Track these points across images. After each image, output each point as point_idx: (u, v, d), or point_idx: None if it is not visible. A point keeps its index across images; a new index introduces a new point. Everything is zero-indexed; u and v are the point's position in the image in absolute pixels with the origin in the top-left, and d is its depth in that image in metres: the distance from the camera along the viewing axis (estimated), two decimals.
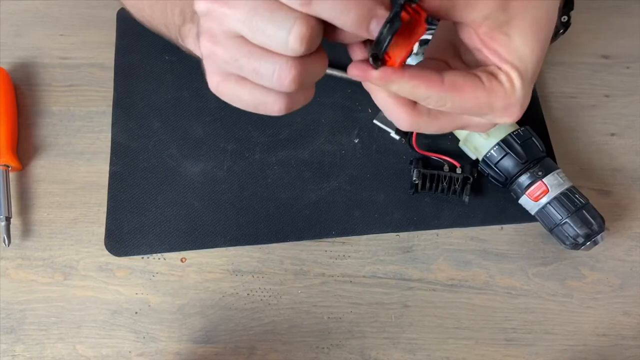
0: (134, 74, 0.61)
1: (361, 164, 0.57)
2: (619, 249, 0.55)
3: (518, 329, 0.51)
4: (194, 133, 0.58)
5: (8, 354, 0.50)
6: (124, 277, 0.53)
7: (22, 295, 0.52)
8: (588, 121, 0.60)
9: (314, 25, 0.28)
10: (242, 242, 0.54)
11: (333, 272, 0.53)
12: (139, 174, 0.56)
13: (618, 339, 0.51)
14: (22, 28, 0.63)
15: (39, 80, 0.61)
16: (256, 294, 0.52)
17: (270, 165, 0.57)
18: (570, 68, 0.63)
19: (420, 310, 0.52)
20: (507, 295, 0.53)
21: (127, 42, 0.62)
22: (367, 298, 0.52)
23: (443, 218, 0.55)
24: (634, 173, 0.58)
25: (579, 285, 0.53)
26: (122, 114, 0.59)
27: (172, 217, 0.54)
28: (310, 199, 0.55)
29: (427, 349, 0.51)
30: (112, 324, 0.51)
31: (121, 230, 0.54)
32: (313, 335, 0.51)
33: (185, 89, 0.60)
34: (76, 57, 0.62)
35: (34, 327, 0.51)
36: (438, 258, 0.54)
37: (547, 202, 0.50)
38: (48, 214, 0.55)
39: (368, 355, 0.50)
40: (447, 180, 0.54)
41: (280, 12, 0.28)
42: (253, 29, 0.28)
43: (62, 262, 0.53)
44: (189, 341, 0.50)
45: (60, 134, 0.58)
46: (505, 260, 0.54)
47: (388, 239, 0.54)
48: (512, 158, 0.51)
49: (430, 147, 0.57)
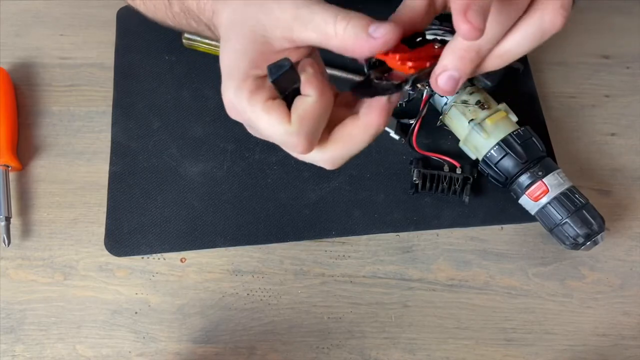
0: (133, 73, 0.61)
1: (361, 164, 0.57)
2: (619, 249, 0.55)
3: (518, 329, 0.51)
4: (194, 133, 0.58)
5: (8, 354, 0.50)
6: (123, 277, 0.53)
7: (22, 295, 0.52)
8: (588, 121, 0.60)
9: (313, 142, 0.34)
10: (242, 242, 0.54)
11: (333, 272, 0.53)
12: (139, 174, 0.56)
13: (618, 339, 0.51)
14: (22, 28, 0.63)
15: (39, 80, 0.61)
16: (256, 294, 0.52)
17: (270, 165, 0.57)
18: (570, 68, 0.63)
19: (420, 310, 0.52)
20: (507, 295, 0.53)
21: (127, 42, 0.62)
22: (367, 298, 0.52)
23: (443, 218, 0.55)
24: (634, 173, 0.58)
25: (579, 285, 0.53)
26: (122, 114, 0.59)
27: (172, 217, 0.54)
28: (310, 199, 0.55)
29: (427, 349, 0.51)
30: (112, 324, 0.51)
31: (121, 230, 0.54)
32: (313, 335, 0.51)
33: (185, 89, 0.60)
34: (76, 57, 0.62)
35: (34, 327, 0.51)
36: (438, 258, 0.54)
37: (547, 202, 0.50)
38: (48, 214, 0.55)
39: (368, 355, 0.50)
40: (447, 180, 0.54)
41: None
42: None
43: (62, 262, 0.53)
44: (189, 341, 0.50)
45: (60, 134, 0.58)
46: (505, 260, 0.54)
47: (388, 239, 0.54)
48: (512, 158, 0.51)
49: (430, 147, 0.57)
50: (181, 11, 0.42)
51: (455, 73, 0.32)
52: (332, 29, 0.32)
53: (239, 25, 0.34)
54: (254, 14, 0.34)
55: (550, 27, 0.32)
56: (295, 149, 0.34)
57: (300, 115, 0.32)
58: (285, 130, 0.33)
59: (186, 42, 0.60)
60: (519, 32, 0.32)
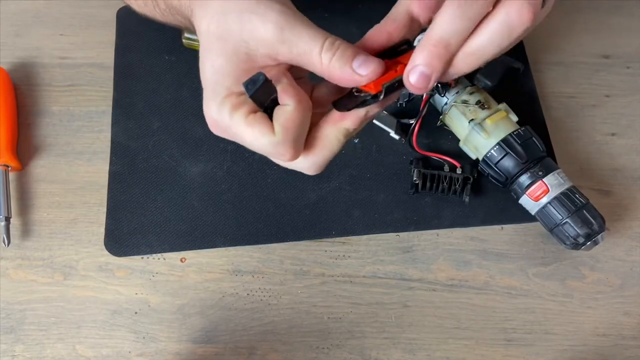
0: (133, 73, 0.61)
1: (361, 164, 0.57)
2: (619, 249, 0.55)
3: (518, 329, 0.51)
4: (193, 133, 0.58)
5: (8, 354, 0.50)
6: (123, 277, 0.53)
7: (22, 295, 0.52)
8: (588, 121, 0.60)
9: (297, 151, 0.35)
10: (242, 242, 0.54)
11: (333, 272, 0.53)
12: (139, 174, 0.56)
13: (618, 339, 0.51)
14: (22, 28, 0.63)
15: (39, 80, 0.61)
16: (256, 294, 0.52)
17: (270, 165, 0.56)
18: (570, 68, 0.63)
19: (420, 310, 0.52)
20: (507, 295, 0.53)
21: (126, 42, 0.62)
22: (367, 298, 0.52)
23: (443, 218, 0.55)
24: (634, 173, 0.58)
25: (579, 285, 0.53)
26: (122, 113, 0.59)
27: (171, 217, 0.54)
28: (310, 199, 0.55)
29: (427, 349, 0.50)
30: (112, 324, 0.51)
31: (121, 230, 0.54)
32: (313, 335, 0.51)
33: (185, 89, 0.60)
34: (76, 57, 0.62)
35: (34, 327, 0.51)
36: (438, 258, 0.54)
37: (548, 202, 0.50)
38: (48, 214, 0.55)
39: (368, 355, 0.50)
40: (448, 180, 0.54)
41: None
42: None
43: (62, 262, 0.53)
44: (189, 341, 0.50)
45: (60, 133, 0.58)
46: (505, 260, 0.54)
47: (388, 239, 0.54)
48: (512, 158, 0.51)
49: (430, 147, 0.57)
50: (167, 8, 0.43)
51: (425, 69, 0.32)
52: (318, 59, 0.33)
53: (221, 41, 0.34)
54: (236, 32, 0.34)
55: (517, 22, 0.31)
56: (282, 158, 0.35)
57: (282, 125, 0.33)
58: (269, 141, 0.33)
59: (186, 41, 0.60)
60: (486, 28, 0.32)
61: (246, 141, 0.34)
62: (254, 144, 0.34)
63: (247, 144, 0.35)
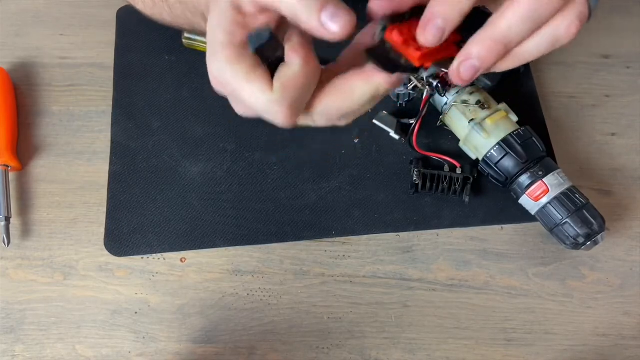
0: (133, 73, 0.61)
1: (361, 164, 0.57)
2: (620, 249, 0.55)
3: (518, 329, 0.51)
4: (193, 133, 0.58)
5: (8, 354, 0.50)
6: (123, 277, 0.53)
7: (22, 295, 0.52)
8: (588, 121, 0.60)
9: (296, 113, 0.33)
10: (242, 242, 0.54)
11: (333, 272, 0.53)
12: (139, 174, 0.56)
13: (618, 339, 0.51)
14: (22, 28, 0.63)
15: (39, 80, 0.61)
16: (256, 294, 0.52)
17: (270, 165, 0.57)
18: (570, 68, 0.63)
19: (420, 310, 0.52)
20: (507, 295, 0.53)
21: (126, 42, 0.62)
22: (367, 298, 0.52)
23: (443, 218, 0.55)
24: (634, 173, 0.58)
25: (579, 285, 0.53)
26: (121, 113, 0.59)
27: (171, 217, 0.54)
28: (310, 199, 0.55)
29: (427, 349, 0.50)
30: (112, 324, 0.51)
31: (121, 230, 0.54)
32: (313, 335, 0.51)
33: (185, 89, 0.60)
34: (76, 57, 0.62)
35: (34, 327, 0.51)
36: (438, 258, 0.54)
37: (548, 202, 0.50)
38: (48, 214, 0.55)
39: (368, 355, 0.50)
40: (448, 180, 0.54)
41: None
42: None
43: (62, 262, 0.53)
44: (189, 341, 0.50)
45: (60, 133, 0.58)
46: (505, 260, 0.54)
47: (388, 239, 0.54)
48: (512, 158, 0.51)
49: (430, 147, 0.57)
50: (177, 1, 0.42)
51: (477, 62, 0.32)
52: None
53: (218, 1, 0.34)
54: None
55: (564, 35, 0.32)
56: (276, 118, 0.33)
57: (282, 83, 0.32)
58: (267, 99, 0.32)
59: (186, 42, 0.60)
60: (537, 35, 0.32)
61: (244, 97, 0.33)
62: (250, 100, 0.33)
63: (244, 101, 0.33)
